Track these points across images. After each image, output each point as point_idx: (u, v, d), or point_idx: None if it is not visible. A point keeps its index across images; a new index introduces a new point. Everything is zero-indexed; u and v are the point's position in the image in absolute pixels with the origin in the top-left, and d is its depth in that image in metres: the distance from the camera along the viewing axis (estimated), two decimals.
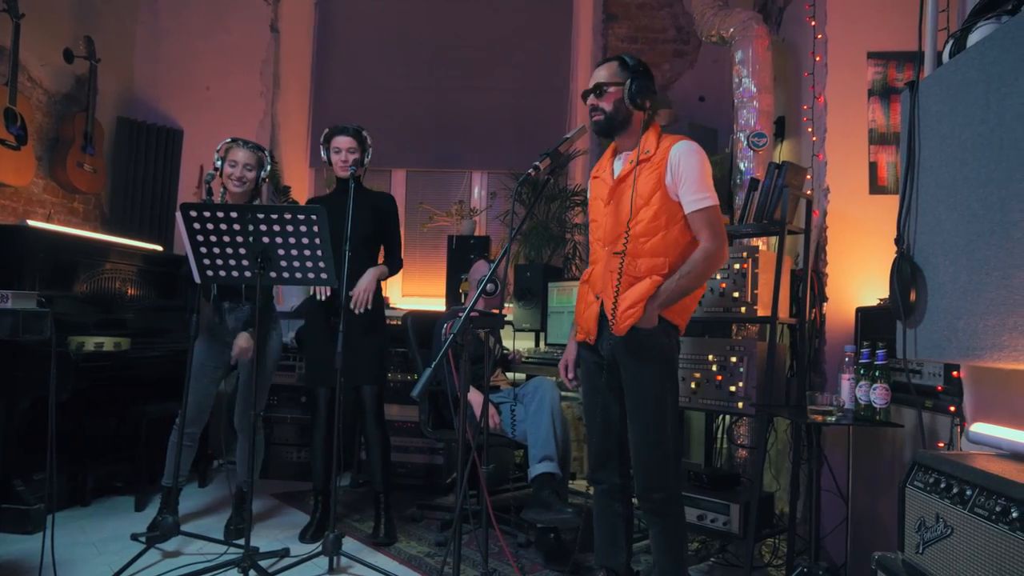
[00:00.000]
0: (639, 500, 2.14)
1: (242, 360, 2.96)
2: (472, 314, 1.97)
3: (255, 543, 2.63)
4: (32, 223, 3.22)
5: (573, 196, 4.52)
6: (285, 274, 2.52)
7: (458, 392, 2.20)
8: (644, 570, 2.69)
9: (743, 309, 2.76)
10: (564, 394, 3.66)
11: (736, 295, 2.77)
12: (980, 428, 1.59)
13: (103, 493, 3.47)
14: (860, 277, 2.84)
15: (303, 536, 3.00)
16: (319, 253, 2.46)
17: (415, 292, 5.02)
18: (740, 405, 2.69)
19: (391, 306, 4.70)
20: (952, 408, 2.01)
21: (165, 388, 3.63)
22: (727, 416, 3.23)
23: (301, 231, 2.41)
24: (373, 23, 5.15)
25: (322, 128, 3.08)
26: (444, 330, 3.18)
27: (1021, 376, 1.52)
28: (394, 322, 3.54)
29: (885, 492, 2.49)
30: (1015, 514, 1.15)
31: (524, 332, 4.13)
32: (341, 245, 2.67)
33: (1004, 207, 1.38)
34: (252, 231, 2.41)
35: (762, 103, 3.46)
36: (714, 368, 2.76)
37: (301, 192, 5.03)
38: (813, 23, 3.18)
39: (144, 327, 3.70)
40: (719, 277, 2.80)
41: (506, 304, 4.24)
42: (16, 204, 3.82)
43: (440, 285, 4.57)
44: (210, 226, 2.41)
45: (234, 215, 2.39)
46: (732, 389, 2.71)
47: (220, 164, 2.94)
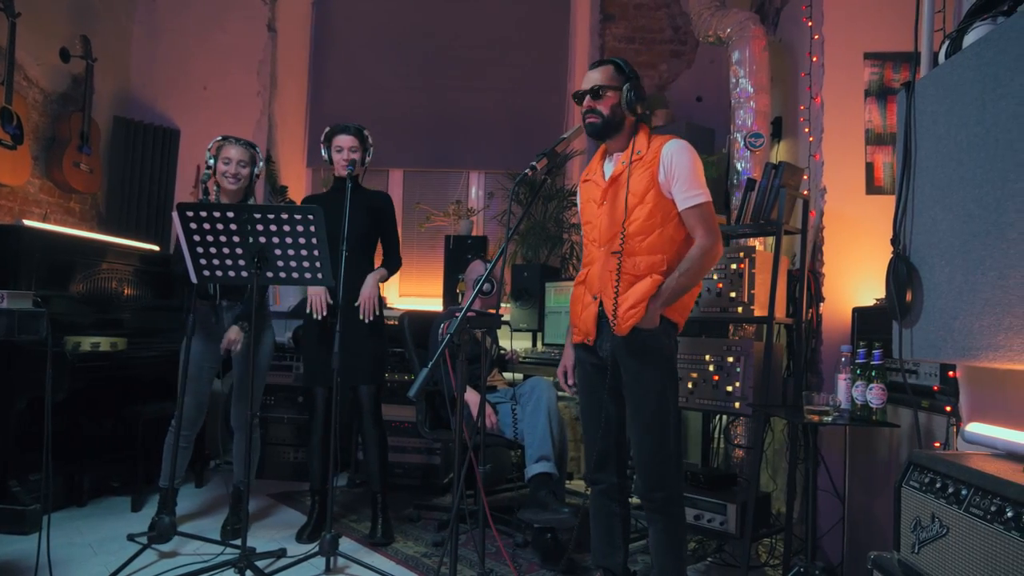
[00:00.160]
0: (641, 499, 2.14)
1: (237, 359, 2.96)
2: (469, 314, 1.97)
3: (252, 543, 2.63)
4: (28, 223, 3.21)
5: (570, 196, 4.52)
6: (282, 274, 2.52)
7: (455, 392, 2.20)
8: (641, 570, 2.69)
9: (740, 309, 2.76)
10: (561, 394, 3.66)
11: (733, 295, 2.77)
12: (976, 428, 1.60)
13: (99, 493, 3.46)
14: (857, 277, 2.84)
15: (300, 536, 3.00)
16: (316, 253, 2.45)
17: (412, 292, 5.01)
18: (737, 405, 2.69)
19: (388, 306, 4.70)
20: (948, 408, 2.01)
21: (162, 388, 3.63)
22: (724, 416, 3.24)
23: (298, 231, 2.41)
24: (370, 23, 5.14)
25: (319, 128, 3.08)
26: (441, 330, 3.18)
27: (1017, 376, 1.52)
28: (391, 322, 3.54)
29: (881, 492, 2.49)
30: (1010, 514, 1.15)
31: (521, 332, 4.13)
32: (338, 245, 2.67)
33: (999, 207, 1.39)
34: (249, 231, 2.41)
35: (759, 103, 3.47)
36: (711, 368, 2.76)
37: (298, 192, 5.02)
38: (810, 24, 3.18)
39: (141, 327, 3.70)
40: (716, 277, 2.81)
41: (502, 304, 4.24)
42: (12, 204, 3.81)
43: (437, 285, 4.57)
44: (207, 226, 2.40)
45: (231, 215, 2.39)
46: (729, 389, 2.71)
47: (213, 162, 2.93)
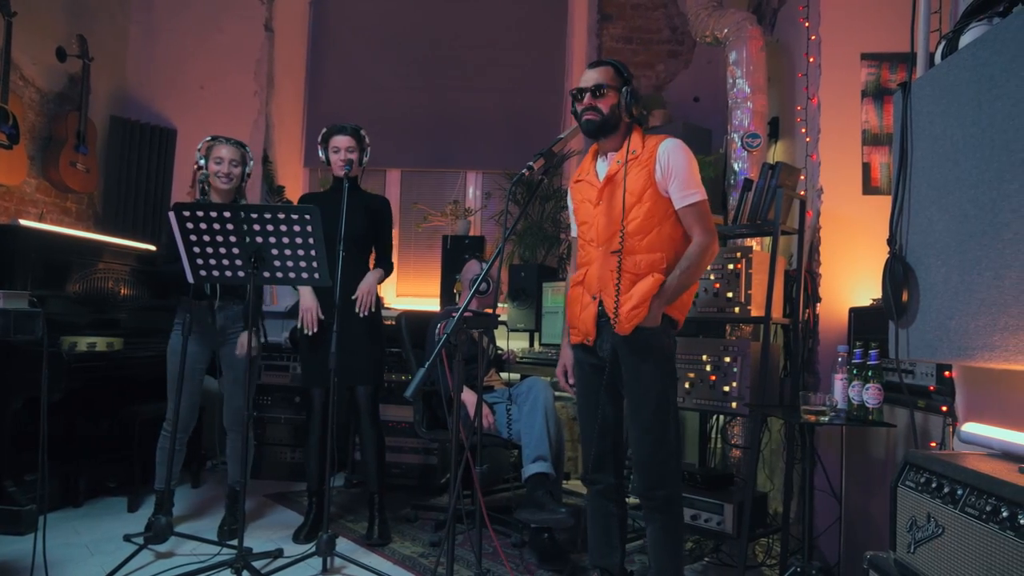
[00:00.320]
0: (640, 499, 2.14)
1: (226, 360, 2.97)
2: (466, 314, 1.97)
3: (248, 543, 2.62)
4: (24, 223, 3.21)
5: (568, 196, 4.52)
6: (279, 274, 2.51)
7: (451, 392, 2.20)
8: (638, 570, 2.69)
9: (737, 309, 2.76)
10: (558, 394, 3.66)
11: (730, 295, 2.77)
12: (971, 428, 1.60)
13: (96, 494, 3.46)
14: (853, 277, 2.84)
15: (297, 536, 2.99)
16: (313, 253, 2.45)
17: (410, 292, 5.01)
18: (734, 405, 2.69)
19: (386, 306, 4.69)
20: (944, 408, 2.01)
21: (159, 388, 3.58)
22: (721, 416, 3.24)
23: (295, 231, 2.40)
24: (368, 23, 5.14)
25: (317, 128, 3.08)
26: (438, 330, 3.18)
27: (1013, 376, 1.52)
28: (388, 322, 3.54)
29: (878, 492, 2.49)
30: (1005, 513, 1.15)
31: (518, 332, 4.14)
32: (335, 245, 2.67)
33: (995, 208, 1.39)
34: (245, 231, 2.40)
35: (756, 104, 3.47)
36: (708, 368, 2.77)
37: (295, 192, 5.01)
38: (807, 24, 3.19)
39: (137, 327, 3.69)
40: (713, 277, 2.81)
41: (500, 304, 4.23)
42: (8, 203, 3.80)
43: (435, 285, 4.57)
44: (203, 226, 2.40)
45: (227, 215, 2.38)
46: (726, 389, 2.71)
47: (204, 162, 2.94)
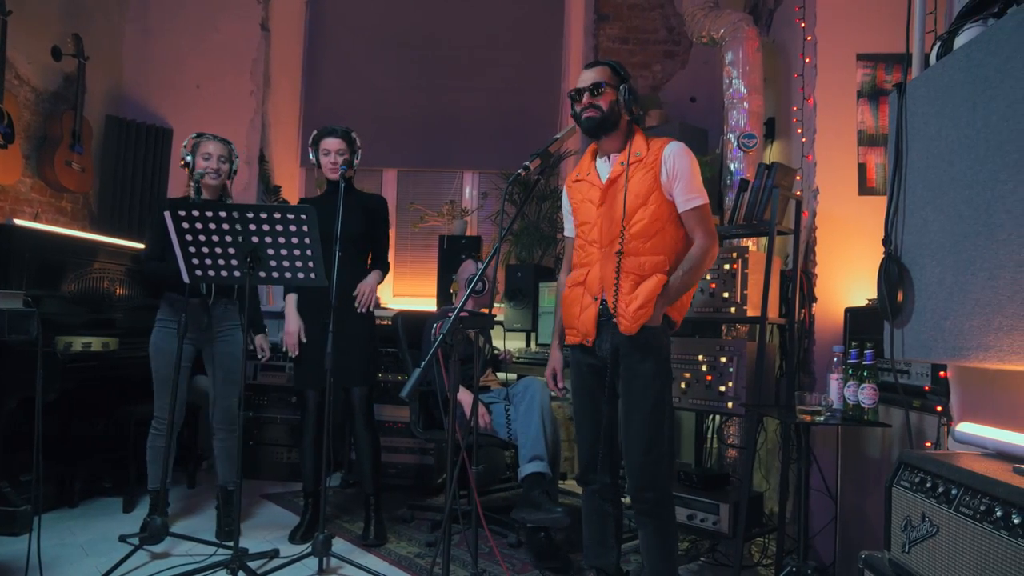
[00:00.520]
0: (631, 500, 2.14)
1: (224, 361, 2.99)
2: (462, 314, 1.97)
3: (244, 544, 2.61)
4: (19, 222, 3.20)
5: (563, 196, 4.52)
6: (275, 274, 2.51)
7: (447, 392, 2.20)
8: (634, 570, 2.69)
9: (733, 309, 2.76)
10: (554, 394, 3.66)
11: (726, 295, 2.78)
12: (966, 428, 1.60)
13: (91, 494, 3.45)
14: (849, 277, 2.85)
15: (293, 537, 2.99)
16: (309, 252, 2.45)
17: (406, 292, 5.01)
18: (730, 405, 2.70)
19: (382, 306, 4.69)
20: (939, 408, 2.02)
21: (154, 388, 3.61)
22: (717, 416, 3.24)
23: (291, 230, 2.40)
24: (365, 22, 5.13)
25: (313, 127, 3.07)
26: (434, 330, 3.17)
27: (1007, 376, 1.53)
28: (384, 322, 3.53)
29: (873, 491, 2.50)
30: (999, 513, 1.15)
31: (515, 332, 4.13)
32: (331, 245, 2.66)
33: (989, 208, 1.39)
34: (241, 231, 2.40)
35: (752, 104, 3.48)
36: (704, 368, 2.77)
37: (292, 192, 5.01)
38: (803, 25, 3.19)
39: (133, 327, 3.68)
40: (709, 277, 2.81)
41: (496, 304, 4.23)
42: (3, 203, 3.79)
43: (431, 285, 4.57)
44: (199, 226, 2.39)
45: (223, 214, 2.38)
46: (722, 389, 2.71)
47: (190, 159, 2.93)
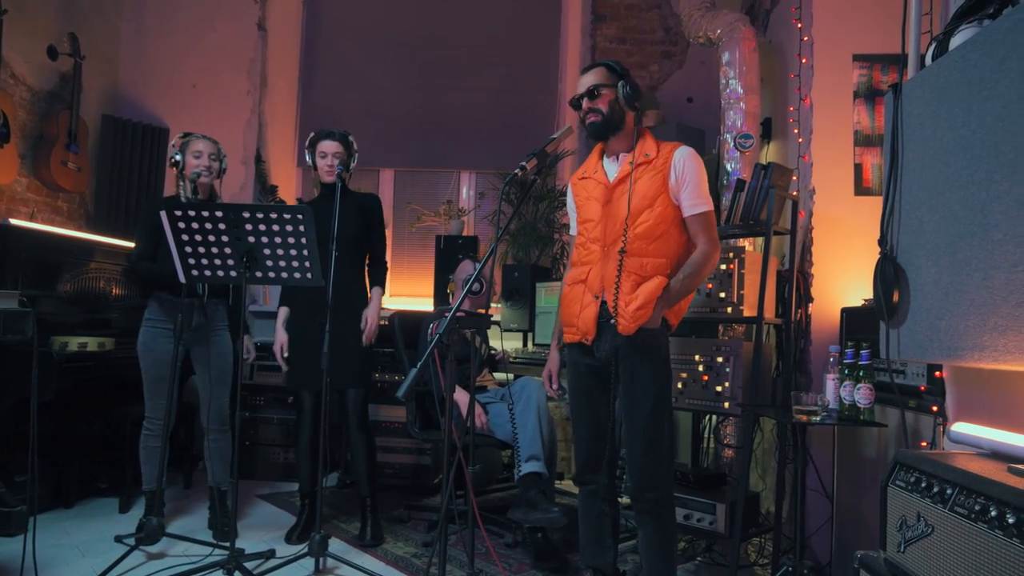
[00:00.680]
0: (632, 500, 2.14)
1: (215, 361, 2.98)
2: (458, 314, 1.97)
3: (241, 544, 2.62)
4: (15, 222, 3.19)
5: (561, 196, 4.52)
6: (271, 274, 2.51)
7: (444, 392, 2.20)
8: (631, 570, 2.69)
9: (729, 309, 2.77)
10: (550, 395, 3.66)
11: (722, 295, 2.78)
12: (961, 428, 1.61)
13: (87, 495, 3.44)
14: (845, 278, 2.85)
15: (289, 537, 2.98)
16: (305, 252, 2.44)
17: (403, 292, 5.00)
18: (726, 405, 2.70)
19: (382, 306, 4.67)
20: (935, 408, 2.02)
21: None
22: (714, 416, 3.25)
23: (287, 230, 2.40)
24: (361, 22, 5.13)
25: (310, 127, 3.07)
26: (430, 330, 3.17)
27: (1002, 376, 1.53)
28: (381, 322, 3.53)
29: (869, 491, 2.50)
30: (994, 513, 1.16)
31: (512, 332, 4.13)
32: (327, 245, 2.66)
33: (984, 209, 1.40)
34: (237, 231, 2.40)
35: (749, 104, 3.48)
36: (700, 368, 2.77)
37: (288, 191, 5.00)
38: (799, 25, 3.19)
39: (129, 327, 3.65)
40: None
41: (492, 304, 4.23)
42: None
43: (428, 285, 4.56)
44: (195, 225, 2.39)
45: (219, 214, 2.38)
46: (718, 389, 2.72)
47: (180, 158, 2.93)
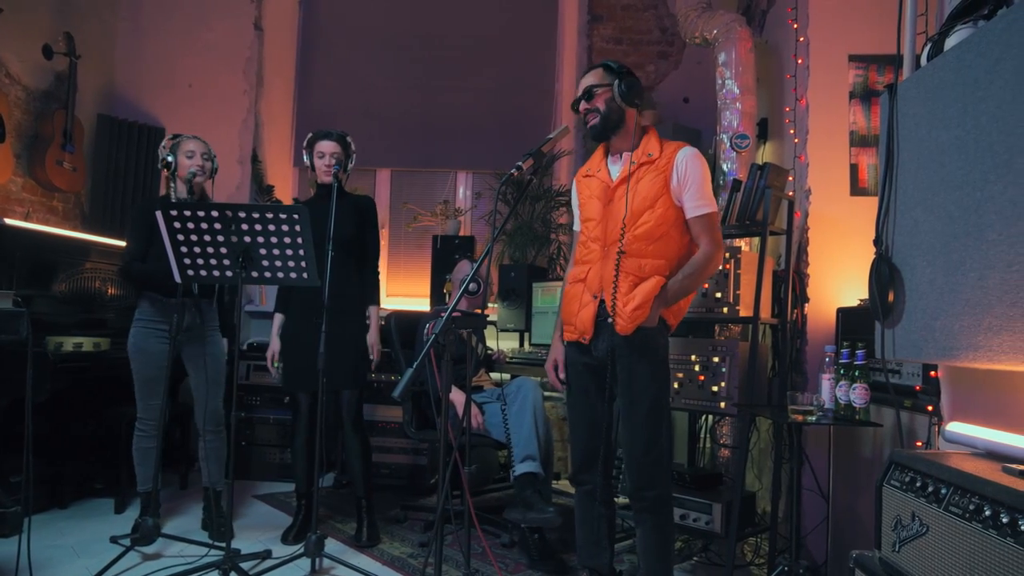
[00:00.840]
0: (630, 499, 2.14)
1: (209, 362, 2.98)
2: (455, 314, 1.97)
3: (236, 545, 2.61)
4: (9, 221, 3.18)
5: (558, 196, 4.53)
6: (267, 273, 2.50)
7: (440, 392, 2.20)
8: (627, 570, 2.69)
9: (725, 309, 2.77)
10: (548, 394, 3.66)
11: (719, 295, 2.78)
12: (956, 427, 1.61)
13: (82, 495, 3.43)
14: (841, 278, 2.86)
15: (285, 538, 2.98)
16: (301, 252, 2.44)
17: (399, 292, 5.00)
18: (722, 405, 2.70)
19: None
20: (930, 407, 2.03)
21: None
22: (710, 416, 3.25)
23: (283, 230, 2.39)
24: (358, 22, 5.12)
25: (306, 127, 3.07)
26: (426, 330, 3.17)
27: (996, 376, 1.53)
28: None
29: (865, 491, 2.51)
30: (988, 512, 1.16)
31: (508, 332, 4.13)
32: (323, 246, 2.66)
33: (979, 209, 1.40)
34: (233, 230, 2.39)
35: (745, 105, 3.49)
36: (697, 368, 2.77)
37: (285, 191, 4.99)
38: (795, 26, 3.20)
39: (124, 327, 3.63)
40: None
41: (489, 304, 4.23)
42: None
43: (424, 285, 4.56)
44: (191, 225, 2.38)
45: (215, 214, 2.37)
46: (714, 389, 2.72)
47: (172, 159, 2.93)
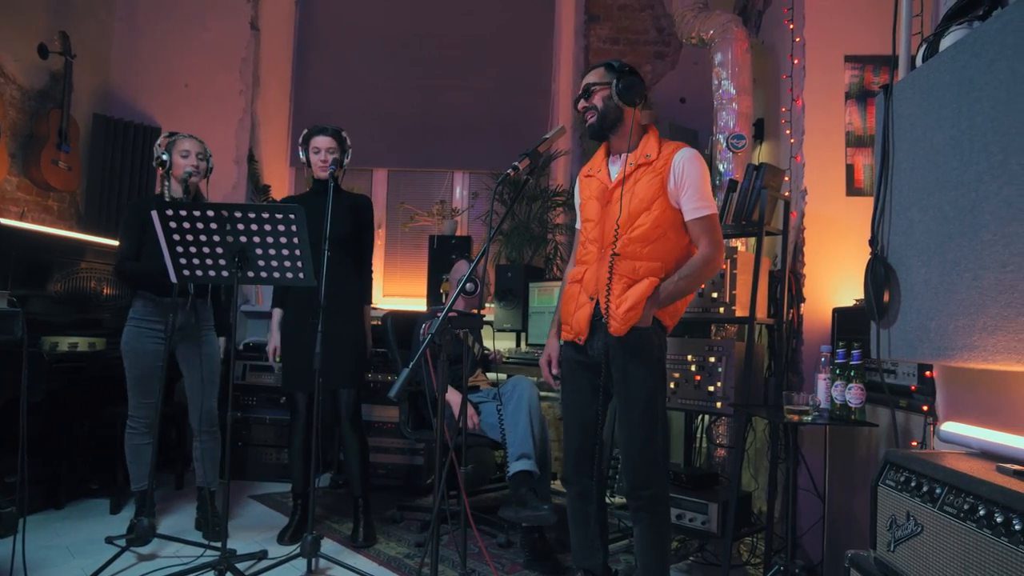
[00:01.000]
0: (627, 498, 2.14)
1: (201, 359, 2.98)
2: (451, 314, 1.96)
3: (232, 545, 2.60)
4: (4, 221, 3.17)
5: (555, 196, 4.53)
6: (263, 273, 2.50)
7: (436, 393, 2.19)
8: (623, 570, 2.69)
9: (722, 310, 2.77)
10: (544, 394, 3.66)
11: (715, 296, 2.79)
12: (951, 427, 1.61)
13: (77, 495, 3.42)
14: (837, 278, 2.86)
15: (281, 538, 2.98)
16: (297, 252, 2.43)
17: (396, 292, 4.99)
18: (719, 405, 2.70)
19: (372, 306, 4.66)
20: (925, 407, 2.03)
21: None
22: (706, 416, 3.25)
23: (279, 230, 2.39)
24: (355, 21, 5.11)
25: (302, 127, 3.06)
26: (423, 330, 3.17)
27: (991, 376, 1.54)
28: (374, 322, 3.52)
29: (861, 490, 2.51)
30: (982, 512, 1.16)
31: (505, 332, 4.13)
32: (319, 244, 2.66)
33: (974, 209, 1.40)
34: (229, 230, 2.39)
35: (741, 105, 3.49)
36: (693, 368, 2.78)
37: (281, 191, 4.99)
38: (791, 26, 3.20)
39: (120, 327, 3.62)
40: None
41: (486, 304, 4.23)
42: None
43: (421, 285, 4.56)
44: (187, 225, 2.38)
45: (211, 214, 2.37)
46: (711, 389, 2.72)
47: (167, 158, 2.92)
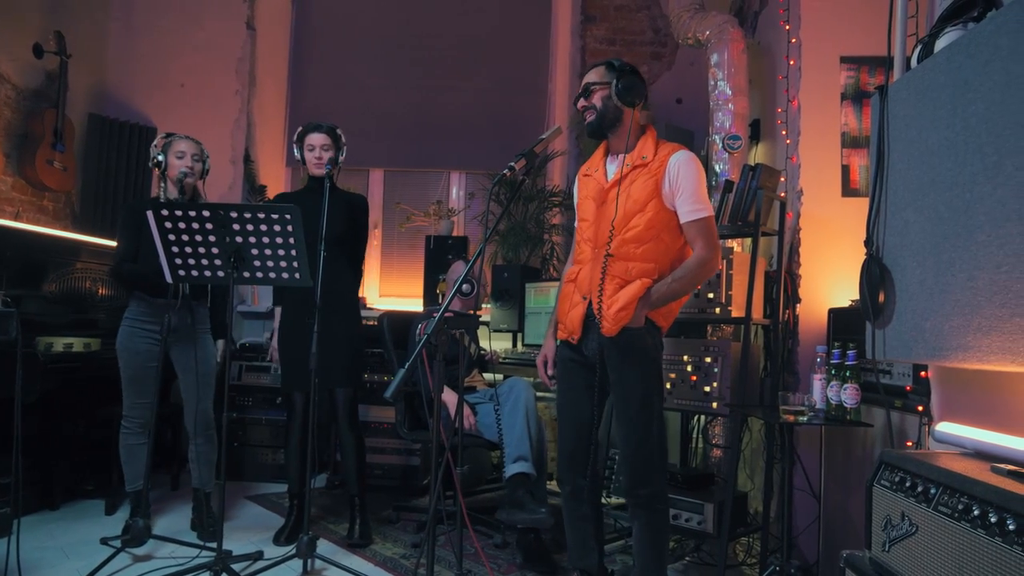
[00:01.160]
0: (625, 496, 2.15)
1: (196, 361, 2.96)
2: (447, 314, 1.96)
3: (228, 546, 2.60)
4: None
5: (551, 197, 4.53)
6: (259, 274, 2.49)
7: (432, 393, 2.19)
8: (619, 570, 2.70)
9: (717, 310, 2.78)
10: (540, 394, 3.66)
11: (711, 296, 2.79)
12: (946, 427, 1.62)
13: (72, 496, 3.41)
14: (832, 278, 2.87)
15: (277, 538, 2.97)
16: (293, 252, 2.43)
17: (392, 292, 4.99)
18: (714, 405, 2.71)
19: (368, 306, 4.67)
20: (920, 408, 2.04)
21: None
22: (702, 416, 3.26)
23: (275, 230, 2.39)
24: (351, 21, 5.11)
25: (298, 127, 3.06)
26: (419, 331, 3.17)
27: (985, 376, 1.54)
28: (370, 322, 3.52)
29: (856, 491, 2.52)
30: (976, 512, 1.17)
31: (501, 333, 4.13)
32: (315, 244, 2.65)
33: (969, 210, 1.41)
34: (225, 230, 2.38)
35: (737, 106, 3.49)
36: (689, 368, 2.78)
37: (277, 191, 4.93)
38: (787, 27, 3.21)
39: (115, 327, 3.61)
40: None
41: (483, 305, 4.23)
42: None
43: (417, 285, 4.55)
44: (182, 225, 2.37)
45: (206, 214, 2.36)
46: (707, 389, 2.73)
47: (163, 158, 2.91)
